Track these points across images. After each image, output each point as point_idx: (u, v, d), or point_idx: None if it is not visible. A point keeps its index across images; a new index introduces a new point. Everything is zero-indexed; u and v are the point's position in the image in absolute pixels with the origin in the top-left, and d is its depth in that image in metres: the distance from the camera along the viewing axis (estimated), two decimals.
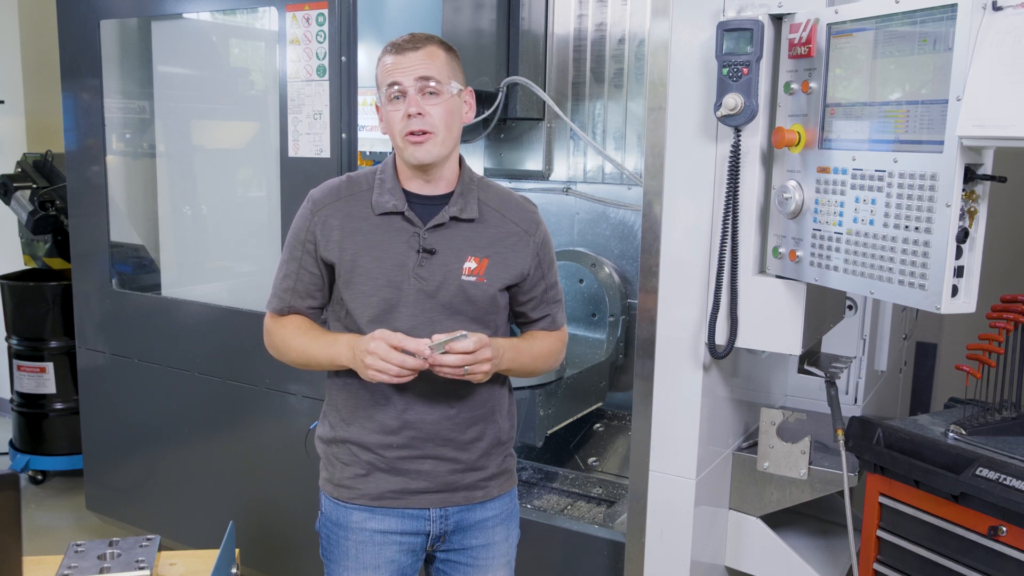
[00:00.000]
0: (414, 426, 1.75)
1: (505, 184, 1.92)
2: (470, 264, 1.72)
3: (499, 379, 1.84)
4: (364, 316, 1.72)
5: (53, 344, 4.17)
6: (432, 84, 1.67)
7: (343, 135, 2.63)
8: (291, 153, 2.73)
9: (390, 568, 1.80)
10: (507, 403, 1.88)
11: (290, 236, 1.80)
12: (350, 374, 1.74)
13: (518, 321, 1.89)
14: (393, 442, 1.76)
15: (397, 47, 1.69)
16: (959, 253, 1.56)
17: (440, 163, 1.72)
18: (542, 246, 1.82)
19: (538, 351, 1.84)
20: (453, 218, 1.73)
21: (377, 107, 1.75)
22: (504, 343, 1.73)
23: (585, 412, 3.03)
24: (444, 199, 1.75)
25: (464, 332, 1.61)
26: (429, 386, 1.73)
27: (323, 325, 1.84)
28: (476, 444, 1.80)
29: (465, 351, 1.60)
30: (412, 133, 1.67)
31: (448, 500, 1.80)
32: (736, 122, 1.87)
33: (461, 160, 1.81)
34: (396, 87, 1.67)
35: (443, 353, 1.60)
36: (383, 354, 1.60)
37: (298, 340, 1.77)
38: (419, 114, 1.66)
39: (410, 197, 1.74)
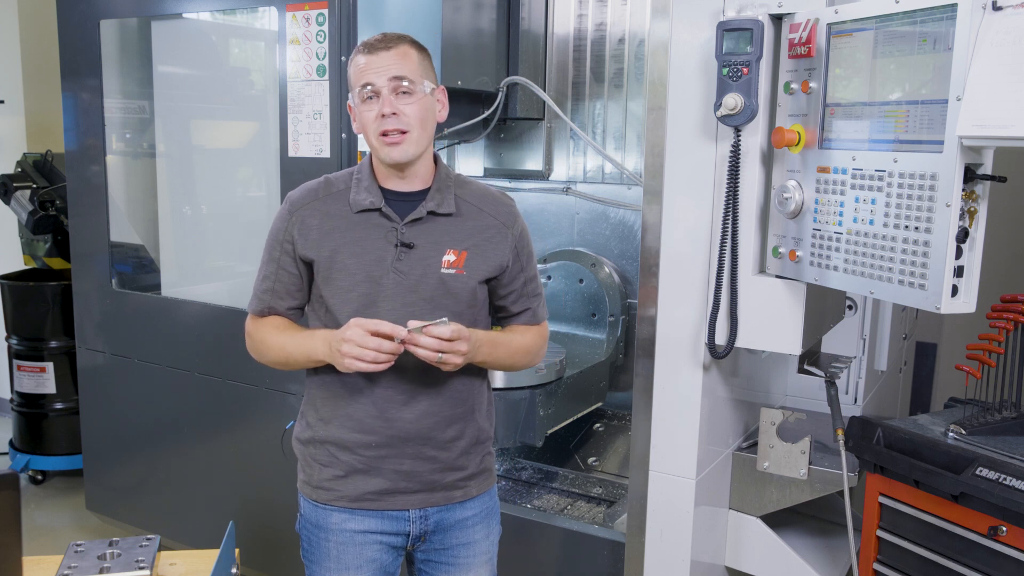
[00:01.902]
0: (393, 424, 1.75)
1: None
2: (449, 257, 1.73)
3: (478, 377, 1.84)
4: (344, 312, 1.72)
5: (53, 344, 4.16)
6: (405, 84, 1.68)
7: (343, 135, 2.63)
8: (291, 153, 2.73)
9: (372, 567, 1.80)
10: (486, 402, 1.88)
11: (269, 238, 1.81)
12: (329, 371, 1.74)
13: (499, 316, 1.89)
14: (372, 441, 1.75)
15: (369, 47, 1.70)
16: (959, 253, 1.56)
17: (415, 161, 1.73)
18: (520, 239, 1.83)
19: (517, 346, 1.84)
20: (431, 213, 1.74)
21: (350, 106, 1.76)
22: (482, 335, 1.73)
23: (585, 412, 3.03)
24: (421, 195, 1.76)
25: (445, 318, 1.62)
26: (407, 384, 1.73)
27: (304, 326, 1.83)
28: (456, 443, 1.80)
29: (442, 337, 1.60)
30: (386, 133, 1.68)
31: (427, 500, 1.80)
32: (736, 122, 1.87)
33: (437, 157, 1.82)
34: (369, 87, 1.68)
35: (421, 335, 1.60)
36: (359, 340, 1.60)
37: (276, 339, 1.78)
38: (393, 114, 1.67)
39: (387, 194, 1.76)
